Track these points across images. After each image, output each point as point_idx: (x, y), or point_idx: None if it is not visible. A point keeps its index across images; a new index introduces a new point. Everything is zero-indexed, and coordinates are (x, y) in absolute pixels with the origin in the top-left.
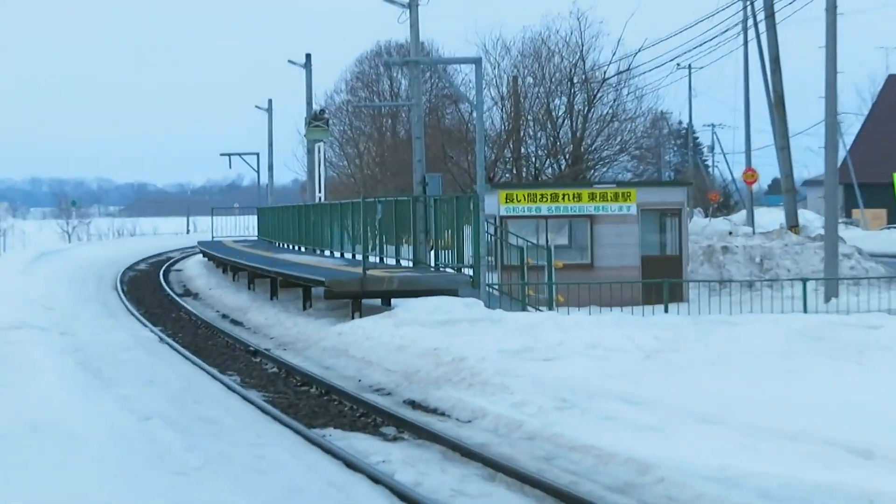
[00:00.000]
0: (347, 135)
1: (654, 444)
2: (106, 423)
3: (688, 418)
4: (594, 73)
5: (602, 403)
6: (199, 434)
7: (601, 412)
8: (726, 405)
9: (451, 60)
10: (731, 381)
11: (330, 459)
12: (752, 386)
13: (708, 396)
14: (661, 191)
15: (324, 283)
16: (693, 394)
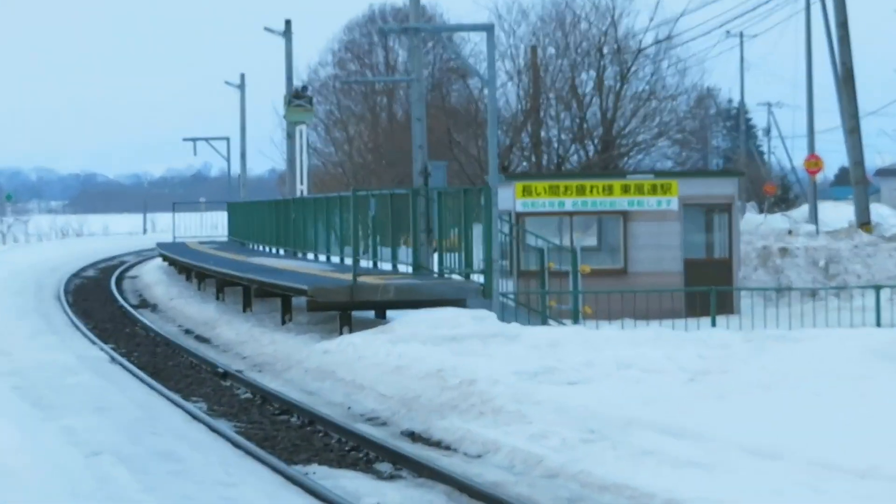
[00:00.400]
0: (335, 116)
1: (698, 482)
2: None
3: (739, 452)
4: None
5: (637, 435)
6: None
7: (636, 445)
8: (785, 437)
9: (459, 27)
10: (791, 409)
11: (313, 502)
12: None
13: (763, 426)
14: (708, 182)
15: (307, 292)
16: (745, 423)
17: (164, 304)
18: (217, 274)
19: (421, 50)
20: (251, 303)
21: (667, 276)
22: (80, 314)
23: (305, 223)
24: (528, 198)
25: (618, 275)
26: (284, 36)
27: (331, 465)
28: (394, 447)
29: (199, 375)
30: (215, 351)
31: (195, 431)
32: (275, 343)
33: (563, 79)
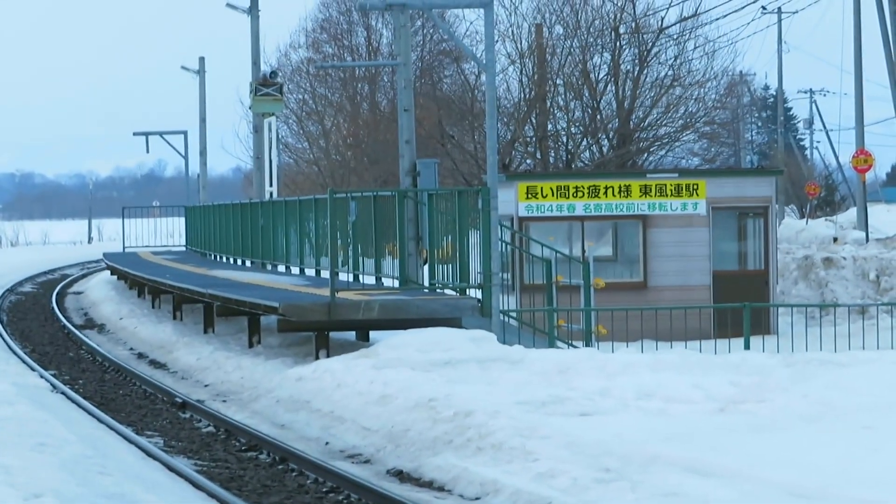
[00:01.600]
0: (309, 106)
1: None
2: None
3: (777, 494)
4: (648, 21)
5: (660, 474)
6: None
7: (659, 486)
8: (830, 476)
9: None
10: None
11: None
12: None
13: (805, 464)
14: (741, 181)
15: (277, 311)
16: (784, 460)
17: (114, 325)
18: (174, 289)
19: (408, 30)
20: (213, 322)
21: (693, 291)
22: (17, 336)
23: (275, 230)
24: (532, 200)
25: (637, 289)
26: (250, 13)
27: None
28: (379, 488)
29: (154, 406)
30: (173, 378)
31: (150, 470)
32: (241, 369)
33: (572, 63)
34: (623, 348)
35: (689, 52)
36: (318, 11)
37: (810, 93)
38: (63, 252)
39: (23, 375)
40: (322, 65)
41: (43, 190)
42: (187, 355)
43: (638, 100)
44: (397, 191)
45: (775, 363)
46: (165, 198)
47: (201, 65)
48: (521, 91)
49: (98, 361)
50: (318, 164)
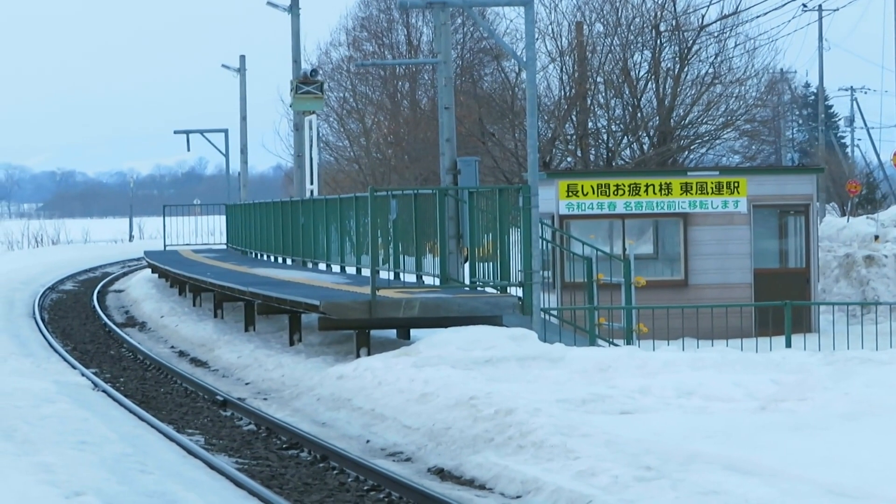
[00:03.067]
0: (349, 105)
1: None
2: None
3: (817, 493)
4: (688, 18)
5: (700, 472)
6: None
7: (699, 484)
8: (870, 475)
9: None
10: (880, 442)
11: None
12: None
13: (846, 463)
14: (782, 179)
15: (318, 309)
16: (826, 459)
17: (155, 323)
18: (215, 287)
19: (448, 28)
20: (254, 321)
21: (734, 289)
22: (58, 334)
23: (316, 228)
24: (573, 198)
25: (677, 287)
26: (291, 11)
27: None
28: (420, 486)
29: (194, 404)
30: (213, 376)
31: (191, 469)
32: (282, 367)
33: (613, 60)
34: (664, 346)
35: (730, 50)
36: (358, 10)
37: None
38: (104, 250)
39: (64, 374)
40: (362, 63)
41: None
42: (228, 353)
43: (678, 97)
44: (438, 189)
45: (816, 361)
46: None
47: (242, 63)
48: (562, 89)
49: (139, 359)
50: (358, 162)
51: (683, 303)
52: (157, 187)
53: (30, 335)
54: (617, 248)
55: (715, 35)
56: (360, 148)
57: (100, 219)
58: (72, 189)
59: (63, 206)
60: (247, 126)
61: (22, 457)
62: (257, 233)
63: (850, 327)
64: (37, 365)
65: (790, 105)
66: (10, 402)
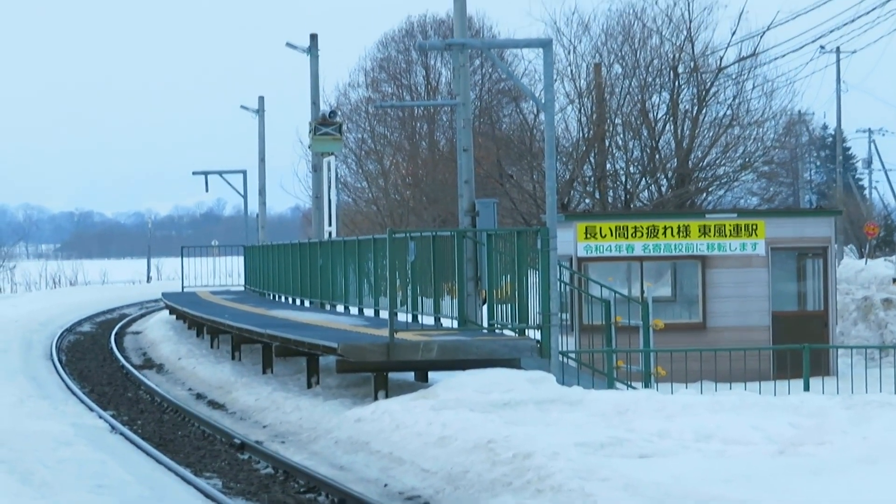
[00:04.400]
0: (368, 146)
1: None
2: None
3: None
4: (706, 60)
5: None
6: None
7: None
8: None
9: (511, 43)
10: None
11: None
12: None
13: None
14: (800, 222)
15: (336, 351)
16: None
17: (172, 365)
18: (233, 329)
19: (467, 69)
20: (272, 363)
21: (752, 332)
22: (76, 376)
23: (334, 270)
24: (591, 240)
25: (696, 330)
26: (309, 53)
27: None
28: None
29: (212, 447)
30: (231, 419)
31: None
32: (300, 409)
33: (631, 102)
34: (682, 389)
35: (748, 92)
36: (376, 51)
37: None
38: (122, 291)
39: (81, 416)
40: (381, 104)
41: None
42: (246, 396)
43: (697, 139)
44: (456, 231)
45: (835, 405)
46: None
47: (260, 104)
48: (580, 130)
49: (156, 402)
50: (376, 203)
51: (702, 345)
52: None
53: (47, 377)
54: (635, 291)
55: (733, 77)
56: (379, 189)
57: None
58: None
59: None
60: (265, 167)
61: (39, 500)
62: (275, 274)
63: (869, 370)
64: (54, 407)
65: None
66: (28, 444)
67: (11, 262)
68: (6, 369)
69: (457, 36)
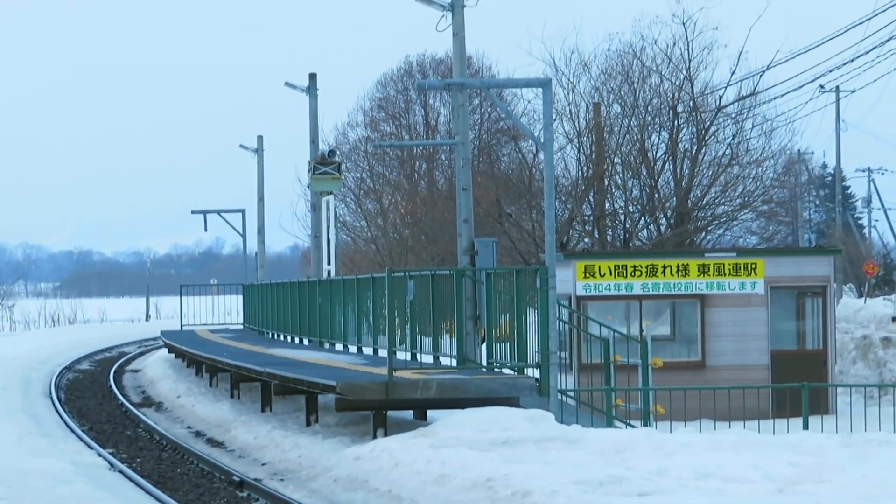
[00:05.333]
0: (367, 185)
1: None
2: None
3: None
4: (706, 100)
5: None
6: None
7: None
8: None
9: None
10: None
11: None
12: None
13: None
14: (799, 261)
15: (335, 389)
16: None
17: (171, 403)
18: (231, 368)
19: (466, 108)
20: (271, 401)
21: (751, 371)
22: (75, 414)
23: (333, 309)
24: (590, 279)
25: (695, 368)
26: (308, 92)
27: None
28: None
29: (211, 485)
30: (230, 456)
31: None
32: (298, 447)
33: (630, 141)
34: (681, 428)
35: (747, 131)
36: (375, 90)
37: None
38: (121, 330)
39: (80, 454)
40: (380, 143)
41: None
42: (245, 434)
43: (696, 178)
44: (455, 270)
45: (834, 443)
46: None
47: (259, 143)
48: (579, 169)
49: (155, 440)
50: (375, 242)
51: (701, 384)
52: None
53: (46, 415)
54: (634, 330)
55: (732, 116)
56: (378, 228)
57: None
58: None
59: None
60: (264, 206)
61: None
62: (274, 313)
63: (868, 409)
64: (53, 445)
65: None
66: (27, 482)
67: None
68: (6, 407)
69: (456, 76)
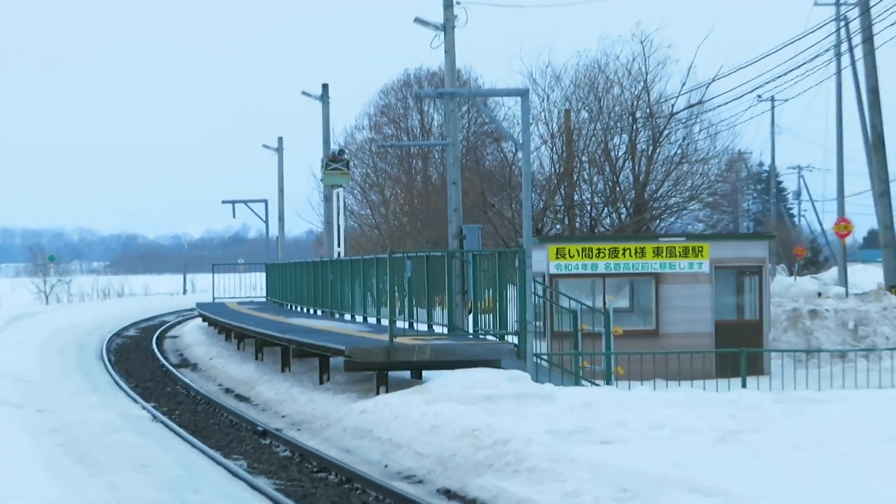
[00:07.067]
0: (371, 179)
1: None
2: None
3: None
4: (660, 107)
5: (669, 494)
6: None
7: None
8: (815, 498)
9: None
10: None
11: None
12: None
13: (794, 488)
14: (739, 245)
15: (344, 353)
16: (776, 484)
17: (205, 364)
18: (256, 334)
19: (456, 114)
20: (290, 363)
21: (698, 338)
22: (122, 373)
23: (342, 284)
24: (561, 260)
25: (650, 336)
26: (321, 100)
27: None
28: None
29: (239, 434)
30: (255, 410)
31: (236, 489)
32: (313, 402)
33: (596, 143)
34: (638, 386)
35: (696, 134)
36: (378, 98)
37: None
38: (162, 302)
39: (128, 407)
40: (382, 144)
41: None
42: (267, 390)
43: (651, 174)
44: (446, 252)
45: (768, 400)
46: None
47: (279, 144)
48: (552, 166)
49: (191, 395)
50: (378, 228)
51: (655, 349)
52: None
53: (98, 374)
54: (598, 303)
55: (683, 121)
56: (380, 216)
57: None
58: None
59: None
60: (283, 197)
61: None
62: (292, 288)
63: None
64: (104, 399)
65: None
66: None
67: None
68: (64, 368)
69: (447, 86)
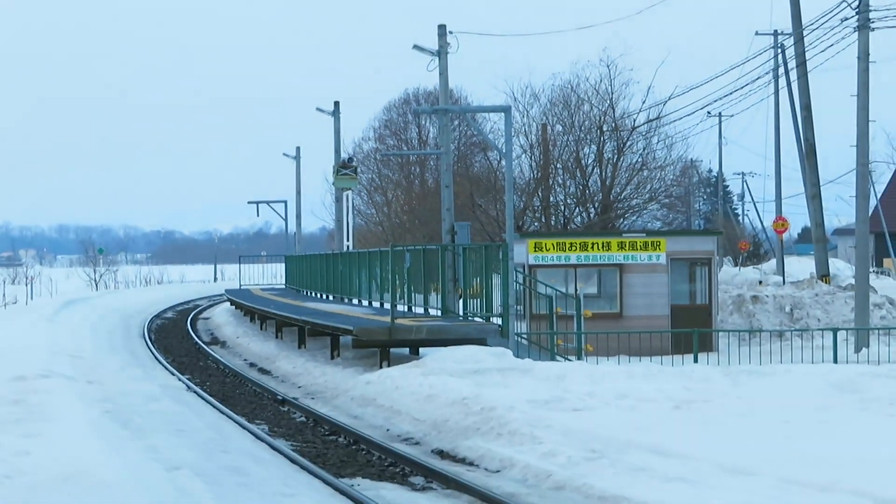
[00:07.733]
0: (375, 183)
1: (683, 495)
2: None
3: (718, 470)
4: (624, 122)
5: (632, 454)
6: (228, 484)
7: (631, 463)
8: (757, 457)
9: (481, 109)
10: (763, 433)
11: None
12: (784, 438)
13: (739, 448)
14: (691, 240)
15: (352, 332)
16: (724, 445)
17: (232, 342)
18: (276, 316)
19: (449, 127)
20: (305, 340)
21: (656, 320)
22: (161, 349)
23: (351, 273)
24: (539, 253)
25: (615, 318)
26: (333, 115)
27: (372, 478)
28: (426, 463)
29: (261, 402)
30: (275, 381)
31: (259, 450)
32: (325, 375)
33: (568, 152)
34: (605, 361)
35: (654, 145)
36: (382, 114)
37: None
38: (195, 288)
39: (166, 379)
40: (385, 153)
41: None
42: (286, 364)
43: (616, 179)
44: (440, 246)
45: (717, 373)
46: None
47: (297, 153)
48: (531, 172)
49: (220, 368)
50: (382, 225)
51: (619, 329)
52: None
53: (141, 351)
54: (571, 289)
55: (643, 134)
56: (384, 215)
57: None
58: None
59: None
60: (300, 198)
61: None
62: (308, 276)
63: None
64: (146, 372)
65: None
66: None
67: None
68: (112, 345)
69: (441, 103)
